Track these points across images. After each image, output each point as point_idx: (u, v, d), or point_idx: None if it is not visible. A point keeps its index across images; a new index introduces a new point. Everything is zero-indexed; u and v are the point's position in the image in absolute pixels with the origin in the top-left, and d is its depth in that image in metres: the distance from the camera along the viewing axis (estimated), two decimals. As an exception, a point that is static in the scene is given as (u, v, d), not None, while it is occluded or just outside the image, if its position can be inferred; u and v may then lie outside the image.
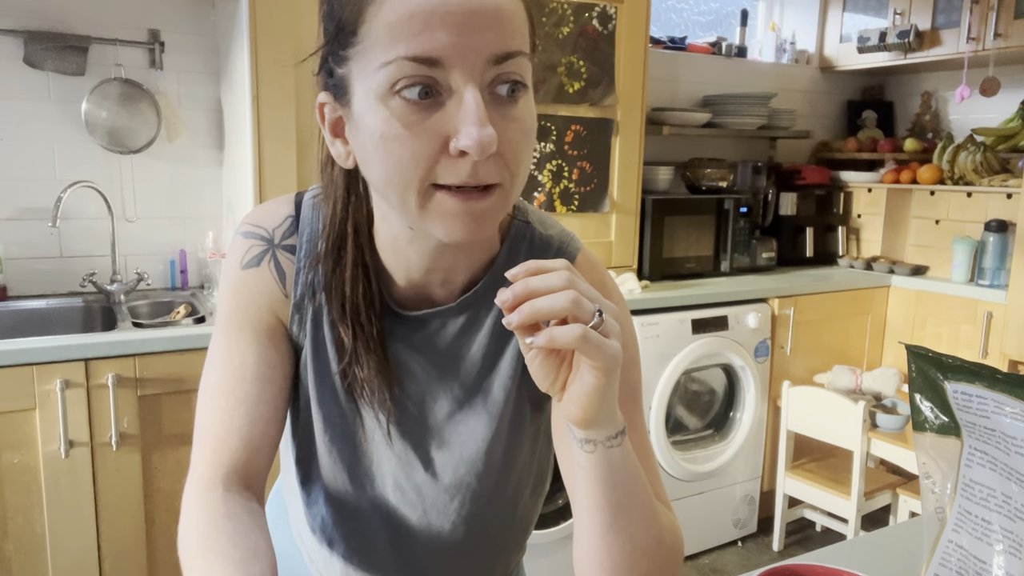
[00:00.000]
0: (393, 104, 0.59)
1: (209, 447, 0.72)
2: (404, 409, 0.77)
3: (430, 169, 0.59)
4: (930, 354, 0.60)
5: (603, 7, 2.42)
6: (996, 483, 0.57)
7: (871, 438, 2.53)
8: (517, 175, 0.62)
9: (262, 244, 0.75)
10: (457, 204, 0.60)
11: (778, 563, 0.78)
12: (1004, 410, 0.55)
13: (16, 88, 2.17)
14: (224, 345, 0.75)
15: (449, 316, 0.75)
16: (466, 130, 0.57)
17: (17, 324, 2.11)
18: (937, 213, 3.20)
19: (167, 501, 1.89)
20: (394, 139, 0.59)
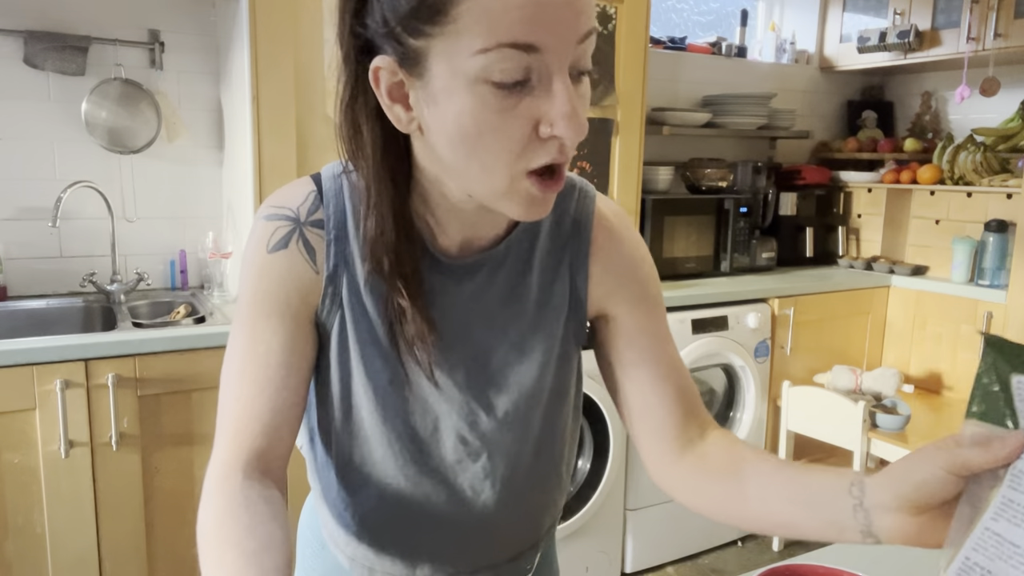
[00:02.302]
0: (484, 90, 0.59)
1: (230, 432, 0.71)
2: (459, 359, 0.77)
3: (522, 154, 0.61)
4: (1008, 344, 0.60)
5: (603, 7, 2.42)
6: None
7: (871, 438, 2.53)
8: (572, 152, 0.66)
9: (288, 224, 0.74)
10: (541, 192, 0.64)
11: (778, 563, 0.78)
12: None
13: (16, 88, 2.16)
14: (249, 330, 0.73)
15: (493, 263, 0.76)
16: (560, 115, 0.60)
17: (17, 324, 2.11)
18: (937, 213, 3.20)
19: (167, 501, 1.88)
20: (485, 123, 0.60)
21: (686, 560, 2.79)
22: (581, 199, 0.81)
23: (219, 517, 0.66)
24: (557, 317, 0.80)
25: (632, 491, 2.60)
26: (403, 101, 0.65)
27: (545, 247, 0.79)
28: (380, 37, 0.63)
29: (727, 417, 2.83)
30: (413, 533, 0.82)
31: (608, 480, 2.48)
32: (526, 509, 0.86)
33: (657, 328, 0.83)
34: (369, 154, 0.70)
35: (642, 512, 2.64)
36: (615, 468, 2.51)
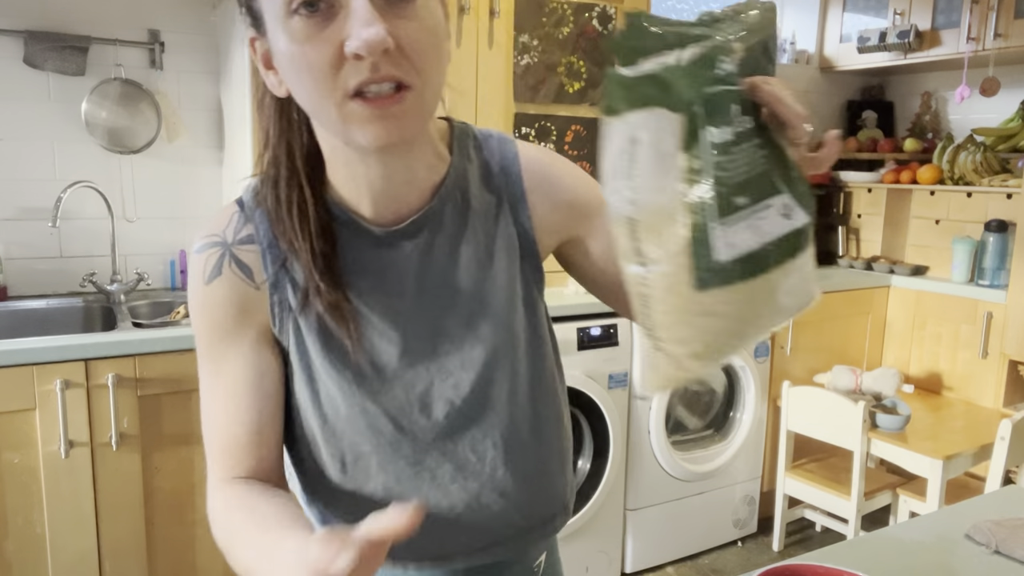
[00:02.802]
0: (293, 23, 0.61)
1: (219, 462, 0.75)
2: (421, 324, 0.77)
3: (335, 77, 0.61)
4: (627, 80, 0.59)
5: (603, 7, 2.42)
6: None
7: (871, 438, 2.53)
8: (426, 74, 0.64)
9: (218, 249, 0.75)
10: (371, 110, 0.62)
11: (778, 563, 0.78)
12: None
13: (16, 88, 2.17)
14: (211, 364, 0.75)
15: (428, 224, 0.76)
16: (355, 31, 0.59)
17: (17, 324, 2.11)
18: (937, 213, 3.20)
19: (167, 501, 1.89)
20: (299, 57, 0.61)
21: (686, 560, 2.79)
22: (500, 145, 0.82)
23: (228, 501, 0.72)
24: (511, 260, 0.79)
25: (632, 491, 2.60)
26: (273, 66, 0.68)
27: (480, 196, 0.79)
28: (245, 9, 0.68)
29: (727, 417, 2.83)
30: (429, 515, 0.80)
31: (608, 480, 2.48)
32: (536, 462, 0.83)
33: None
34: (264, 127, 0.74)
35: (642, 512, 2.64)
36: (615, 468, 2.51)
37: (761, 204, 0.58)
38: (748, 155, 0.57)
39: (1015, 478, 2.44)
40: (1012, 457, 2.20)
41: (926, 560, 0.99)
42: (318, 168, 0.75)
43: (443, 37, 0.67)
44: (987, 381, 2.90)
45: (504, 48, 2.28)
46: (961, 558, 0.99)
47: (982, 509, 1.12)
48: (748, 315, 0.60)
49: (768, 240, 0.57)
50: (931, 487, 2.43)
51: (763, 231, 0.57)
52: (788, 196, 0.58)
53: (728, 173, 0.57)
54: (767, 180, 0.58)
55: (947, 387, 3.04)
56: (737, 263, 0.57)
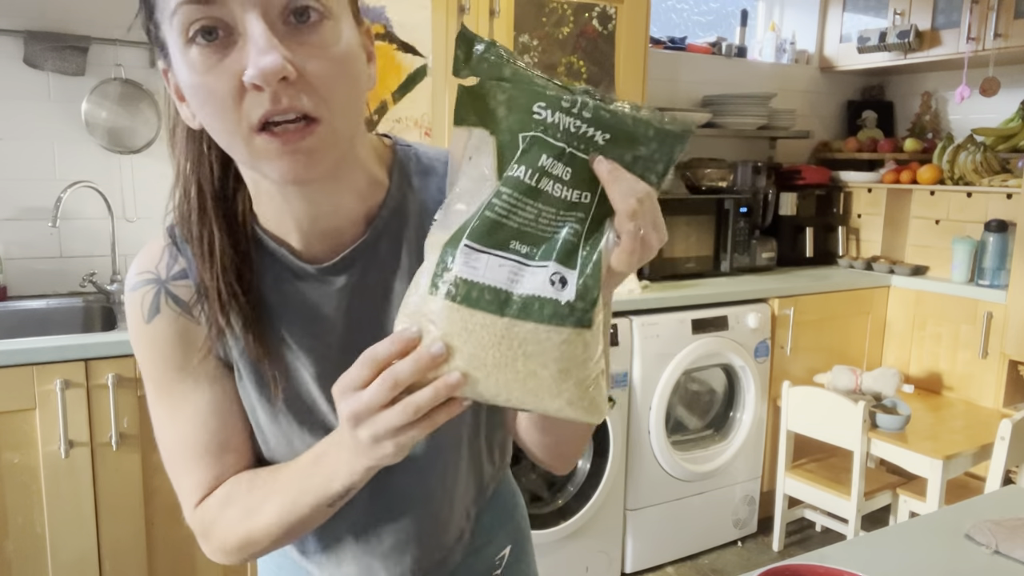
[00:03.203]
0: (191, 53, 0.58)
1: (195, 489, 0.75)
2: (346, 358, 0.71)
3: (237, 109, 0.58)
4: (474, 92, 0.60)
5: (603, 7, 2.42)
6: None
7: (871, 438, 2.53)
8: (334, 103, 0.60)
9: (153, 287, 0.73)
10: (277, 145, 0.59)
11: (778, 563, 0.78)
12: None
13: (16, 88, 2.16)
14: (167, 401, 0.74)
15: (361, 257, 0.72)
16: (251, 60, 0.56)
17: (17, 324, 2.11)
18: (937, 213, 3.20)
19: (167, 501, 1.88)
20: (201, 88, 0.59)
21: (686, 560, 2.78)
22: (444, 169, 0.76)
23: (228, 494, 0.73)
24: None
25: (632, 491, 2.60)
26: (185, 97, 0.65)
27: (419, 227, 0.74)
28: (154, 41, 0.65)
29: (727, 417, 2.83)
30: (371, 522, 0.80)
31: (608, 480, 2.48)
32: (438, 508, 0.82)
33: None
34: (176, 158, 0.72)
35: (642, 512, 2.64)
36: (615, 468, 2.51)
37: (532, 260, 0.57)
38: (542, 212, 0.57)
39: (1015, 478, 2.44)
40: (1012, 457, 2.20)
41: (926, 560, 0.99)
42: (238, 200, 0.72)
43: (356, 62, 0.63)
44: (987, 381, 2.90)
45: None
46: (961, 558, 0.99)
47: (982, 509, 1.12)
48: (488, 355, 0.57)
49: (520, 291, 0.57)
50: (931, 487, 2.43)
51: (519, 281, 0.57)
52: (568, 272, 0.57)
53: (507, 209, 0.57)
54: (554, 246, 0.57)
55: (947, 387, 3.04)
56: (467, 284, 0.57)
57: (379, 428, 0.57)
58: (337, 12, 0.61)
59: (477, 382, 0.58)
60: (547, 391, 0.58)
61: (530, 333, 0.57)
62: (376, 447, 0.59)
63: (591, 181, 0.58)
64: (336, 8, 0.61)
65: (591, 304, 0.57)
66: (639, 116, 0.58)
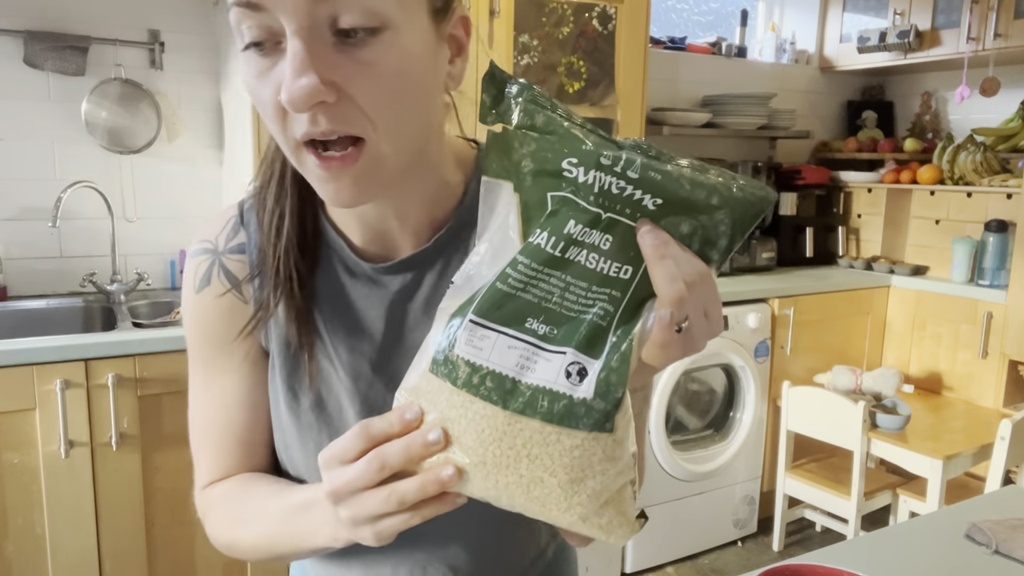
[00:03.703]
0: (248, 56, 0.55)
1: (209, 468, 0.74)
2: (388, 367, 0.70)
3: (283, 121, 0.55)
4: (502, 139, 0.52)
5: (603, 7, 2.42)
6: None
7: (871, 438, 2.53)
8: (382, 123, 0.55)
9: (208, 257, 0.71)
10: (320, 170, 0.56)
11: (778, 563, 0.78)
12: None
13: (16, 88, 2.16)
14: (202, 375, 0.73)
15: (420, 265, 0.69)
16: (284, 82, 0.52)
17: (17, 324, 2.11)
18: (937, 213, 3.20)
19: (167, 501, 1.88)
20: (254, 93, 0.56)
21: (686, 560, 2.78)
22: None
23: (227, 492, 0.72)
24: None
25: (632, 491, 2.60)
26: None
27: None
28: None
29: (727, 417, 2.83)
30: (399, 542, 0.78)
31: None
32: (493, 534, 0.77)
33: None
34: (270, 139, 0.69)
35: (642, 512, 2.63)
36: (615, 468, 2.51)
37: (550, 343, 0.49)
38: (570, 285, 0.49)
39: (1015, 478, 2.44)
40: (1012, 457, 2.20)
41: (926, 560, 0.99)
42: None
43: (413, 74, 0.56)
44: (987, 381, 2.90)
45: (504, 48, 2.28)
46: (961, 558, 0.99)
47: (982, 509, 1.12)
48: (488, 451, 0.50)
49: (529, 380, 0.49)
50: (931, 487, 2.43)
51: (530, 368, 0.49)
52: (589, 362, 0.48)
53: (523, 281, 0.50)
54: (577, 328, 0.49)
55: (947, 387, 3.04)
56: (468, 366, 0.49)
57: (359, 512, 0.53)
58: (398, 19, 0.54)
59: (474, 480, 0.50)
60: (555, 502, 0.50)
61: (536, 433, 0.49)
62: (354, 529, 0.54)
63: (636, 253, 0.49)
64: (397, 15, 0.54)
65: (613, 405, 0.48)
66: (700, 179, 0.48)
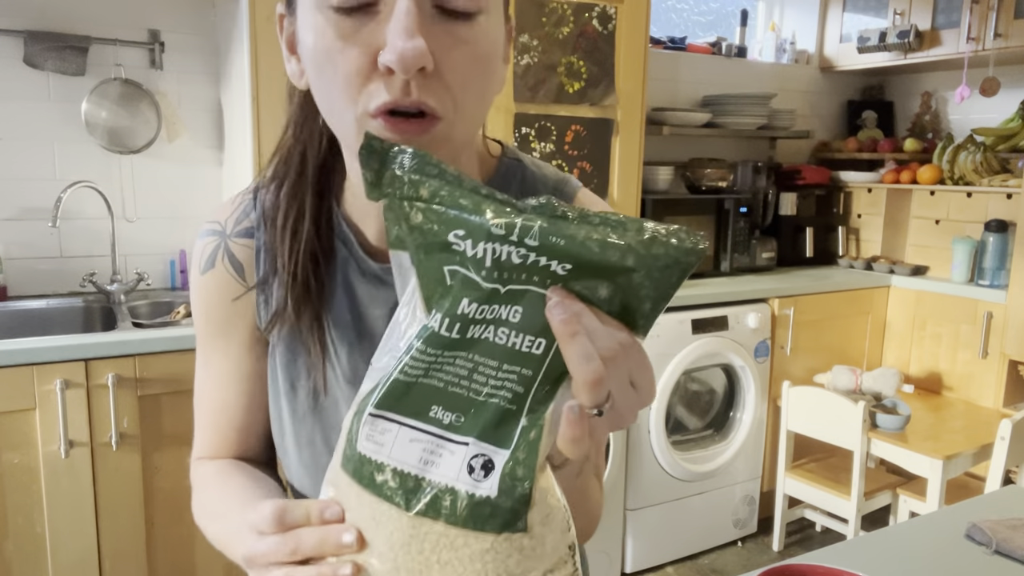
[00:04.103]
0: (327, 13, 0.53)
1: (205, 443, 0.76)
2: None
3: (362, 87, 0.53)
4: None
5: (603, 7, 2.42)
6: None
7: (871, 438, 2.53)
8: (462, 104, 0.55)
9: (215, 239, 0.71)
10: (390, 133, 0.54)
11: (778, 563, 0.78)
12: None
13: (16, 88, 2.16)
14: (203, 354, 0.74)
15: None
16: (391, 40, 0.50)
17: (17, 324, 2.11)
18: (937, 213, 3.20)
19: (167, 501, 1.88)
20: (325, 53, 0.53)
21: (686, 560, 2.78)
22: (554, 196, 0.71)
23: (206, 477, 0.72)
24: None
25: (632, 491, 2.60)
26: (297, 52, 0.61)
27: None
28: None
29: (727, 417, 2.83)
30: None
31: (608, 480, 2.48)
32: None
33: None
34: (288, 118, 0.68)
35: (642, 512, 2.64)
36: (615, 468, 2.51)
37: (456, 432, 0.44)
38: (479, 366, 0.44)
39: (1015, 478, 2.44)
40: (1012, 457, 2.20)
41: (926, 560, 0.99)
42: (332, 178, 0.68)
43: (496, 64, 0.57)
44: (987, 381, 2.90)
45: (504, 48, 2.27)
46: (961, 558, 0.99)
47: (982, 509, 1.12)
48: (398, 556, 0.44)
49: (433, 477, 0.43)
50: (931, 487, 2.43)
51: (434, 462, 0.44)
52: (495, 452, 0.42)
53: (422, 369, 0.45)
54: (483, 414, 0.43)
55: (947, 387, 3.04)
56: (370, 464, 0.45)
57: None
58: (493, 6, 0.56)
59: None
60: None
61: (442, 537, 0.43)
62: None
63: (539, 319, 0.43)
64: (493, 2, 0.56)
65: (521, 502, 0.42)
66: (611, 240, 0.42)
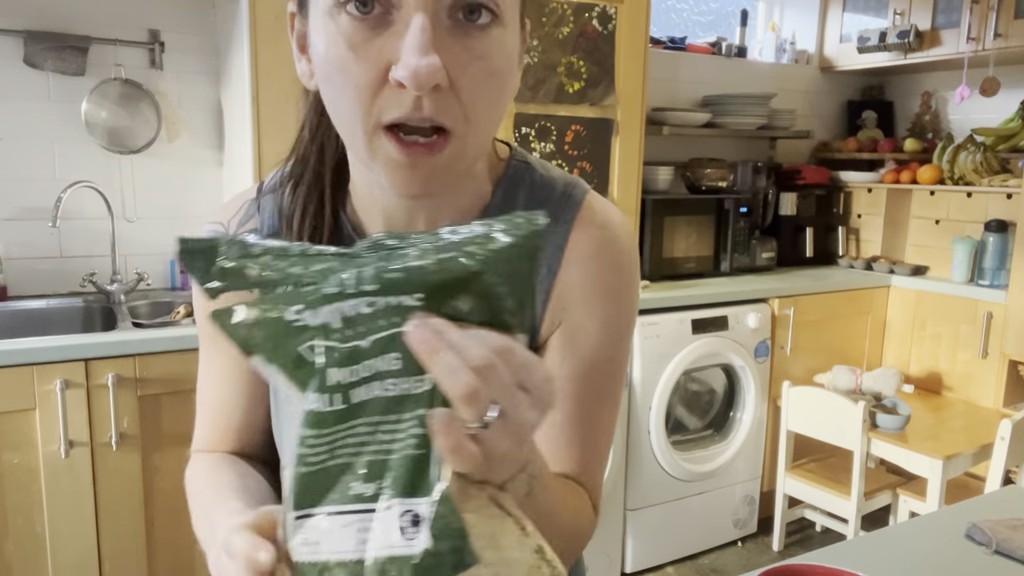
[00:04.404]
0: (340, 20, 0.52)
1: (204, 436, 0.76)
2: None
3: (372, 100, 0.52)
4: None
5: (603, 7, 2.42)
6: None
7: (871, 438, 2.53)
8: (475, 120, 0.54)
9: None
10: (401, 155, 0.53)
11: (778, 563, 0.78)
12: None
13: (16, 88, 2.16)
14: (203, 351, 0.75)
15: None
16: (404, 58, 0.50)
17: (17, 324, 2.11)
18: (937, 213, 3.20)
19: (167, 501, 1.89)
20: (337, 62, 0.53)
21: (686, 560, 2.78)
22: (561, 202, 0.68)
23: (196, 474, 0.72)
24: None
25: (632, 491, 2.60)
26: (308, 52, 0.60)
27: None
28: None
29: (727, 417, 2.83)
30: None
31: (608, 480, 2.48)
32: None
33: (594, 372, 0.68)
34: (303, 118, 0.67)
35: (642, 512, 2.64)
36: (615, 468, 2.51)
37: (377, 500, 0.41)
38: (380, 424, 0.42)
39: (1015, 478, 2.44)
40: (1012, 457, 2.20)
41: (926, 560, 0.99)
42: (342, 175, 0.67)
43: (511, 77, 0.57)
44: (987, 381, 2.90)
45: (504, 48, 2.27)
46: (961, 558, 0.99)
47: (982, 509, 1.12)
48: None
49: (372, 554, 0.41)
50: (931, 487, 2.43)
51: (367, 539, 0.41)
52: (418, 504, 0.40)
53: (322, 453, 0.42)
54: (397, 470, 0.41)
55: (947, 387, 3.04)
56: (314, 569, 0.42)
57: None
58: (509, 18, 0.55)
59: None
60: None
61: None
62: None
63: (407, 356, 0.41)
64: (509, 13, 0.55)
65: (459, 537, 0.40)
66: (445, 256, 0.40)
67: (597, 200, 0.71)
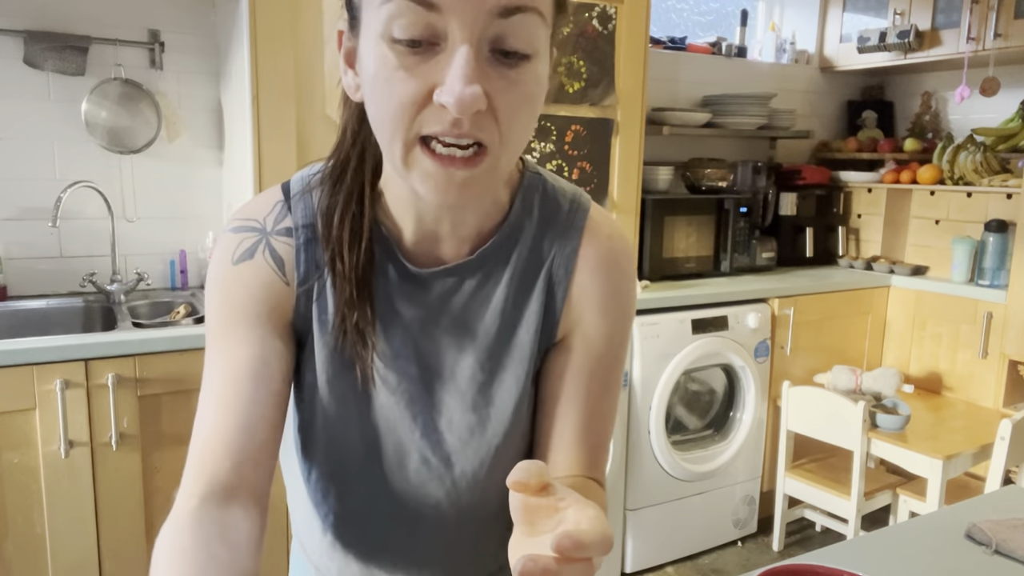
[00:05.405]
0: (388, 48, 0.57)
1: (195, 453, 0.66)
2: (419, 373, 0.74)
3: (414, 116, 0.58)
4: None
5: (603, 7, 2.42)
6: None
7: (871, 438, 2.53)
8: (509, 139, 0.60)
9: (255, 235, 0.72)
10: (437, 168, 0.59)
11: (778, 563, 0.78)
12: None
13: (16, 88, 2.16)
14: (218, 345, 0.69)
15: (463, 274, 0.73)
16: (449, 83, 0.55)
17: (17, 324, 2.11)
18: (937, 213, 3.20)
19: (167, 501, 1.88)
20: (384, 81, 0.58)
21: (686, 560, 2.78)
22: (571, 210, 0.76)
23: (162, 542, 0.62)
24: (530, 335, 0.74)
25: (632, 491, 2.60)
26: (355, 67, 0.65)
27: (525, 259, 0.74)
28: (345, 1, 0.64)
29: (727, 417, 2.83)
30: (381, 541, 0.80)
31: (608, 480, 2.47)
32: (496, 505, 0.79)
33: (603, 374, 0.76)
34: (344, 124, 0.71)
35: (642, 512, 2.64)
36: (615, 468, 2.51)
37: None
38: None
39: (1015, 478, 2.44)
40: (1012, 457, 2.20)
41: (926, 560, 0.99)
42: (376, 178, 0.72)
43: (541, 100, 0.63)
44: (987, 381, 2.90)
45: (504, 48, 2.27)
46: (961, 558, 0.99)
47: (982, 509, 1.12)
48: None
49: None
50: (931, 487, 2.43)
51: None
52: None
53: None
54: None
55: (947, 387, 3.04)
56: None
57: None
58: (542, 51, 0.60)
59: None
60: None
61: None
62: None
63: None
64: (542, 47, 0.60)
65: None
66: None
67: (597, 209, 0.78)
